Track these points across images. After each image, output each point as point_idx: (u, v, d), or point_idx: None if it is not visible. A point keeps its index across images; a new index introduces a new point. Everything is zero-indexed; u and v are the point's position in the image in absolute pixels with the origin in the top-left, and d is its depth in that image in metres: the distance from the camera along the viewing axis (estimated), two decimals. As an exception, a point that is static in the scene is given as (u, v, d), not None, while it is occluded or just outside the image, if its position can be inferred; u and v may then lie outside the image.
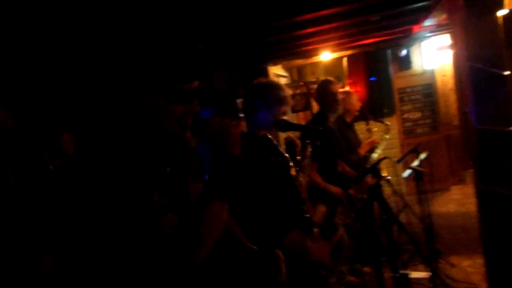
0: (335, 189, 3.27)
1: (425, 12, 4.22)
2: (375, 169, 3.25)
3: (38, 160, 2.50)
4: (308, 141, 2.45)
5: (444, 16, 4.36)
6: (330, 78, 4.03)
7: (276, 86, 2.41)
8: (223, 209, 1.27)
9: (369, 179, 3.57)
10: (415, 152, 4.07)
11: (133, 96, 1.38)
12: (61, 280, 2.22)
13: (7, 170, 2.08)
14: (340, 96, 3.77)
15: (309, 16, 3.41)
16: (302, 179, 2.27)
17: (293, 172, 2.21)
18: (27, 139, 2.58)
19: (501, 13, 3.06)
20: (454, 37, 6.84)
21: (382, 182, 3.11)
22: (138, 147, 1.34)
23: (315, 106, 5.30)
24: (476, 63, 3.06)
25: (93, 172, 1.38)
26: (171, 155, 1.43)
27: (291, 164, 2.18)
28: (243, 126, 2.18)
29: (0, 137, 2.38)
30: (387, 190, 3.52)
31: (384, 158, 3.35)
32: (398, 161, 4.16)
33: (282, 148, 2.75)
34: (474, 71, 3.07)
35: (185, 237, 1.22)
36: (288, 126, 2.32)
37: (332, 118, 3.77)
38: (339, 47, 5.80)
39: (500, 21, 3.10)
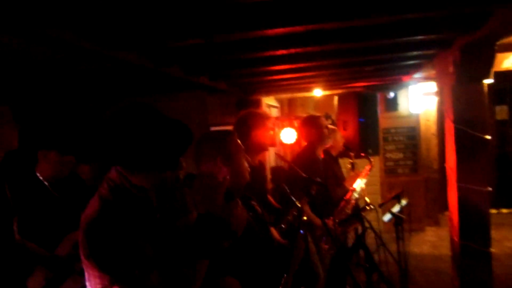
0: (317, 220, 3.38)
1: (416, 67, 4.49)
2: (359, 214, 3.42)
3: (34, 177, 2.61)
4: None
5: (432, 71, 4.64)
6: (318, 114, 4.25)
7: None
8: (205, 265, 1.40)
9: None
10: (397, 198, 4.26)
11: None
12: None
13: (5, 185, 2.14)
14: (327, 131, 3.98)
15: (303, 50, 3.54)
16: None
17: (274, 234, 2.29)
18: (30, 158, 2.69)
19: (487, 81, 3.32)
20: (440, 92, 7.19)
21: (366, 227, 3.26)
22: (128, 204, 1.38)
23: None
24: (461, 126, 3.30)
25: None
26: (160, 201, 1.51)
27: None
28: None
29: (6, 159, 2.45)
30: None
31: (368, 204, 3.53)
32: (380, 206, 4.34)
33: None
34: (459, 133, 3.31)
35: None
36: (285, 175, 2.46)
37: (319, 151, 3.96)
38: (331, 86, 6.05)
39: (486, 88, 3.36)
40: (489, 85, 3.40)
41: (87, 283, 1.38)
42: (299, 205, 2.20)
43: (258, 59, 3.67)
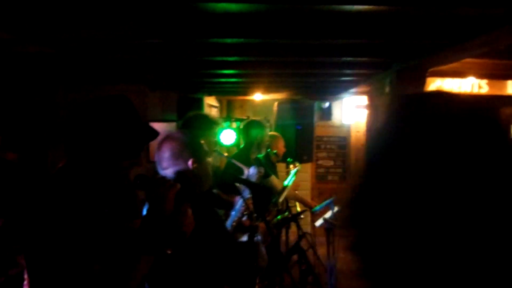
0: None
1: (355, 84, 4.80)
2: (296, 219, 3.60)
3: None
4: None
5: (364, 87, 4.98)
6: (259, 119, 4.38)
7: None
8: (150, 262, 1.44)
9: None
10: (329, 204, 4.51)
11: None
12: None
13: None
14: (266, 139, 4.14)
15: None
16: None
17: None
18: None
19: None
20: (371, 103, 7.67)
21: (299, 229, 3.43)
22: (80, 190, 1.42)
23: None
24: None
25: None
26: (109, 195, 1.55)
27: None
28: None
29: None
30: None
31: (305, 210, 3.72)
32: (314, 210, 4.58)
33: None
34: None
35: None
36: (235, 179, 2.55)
37: (254, 156, 4.10)
38: (271, 91, 6.24)
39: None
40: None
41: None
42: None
43: (203, 61, 3.73)
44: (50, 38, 2.61)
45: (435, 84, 4.86)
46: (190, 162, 1.93)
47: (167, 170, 1.95)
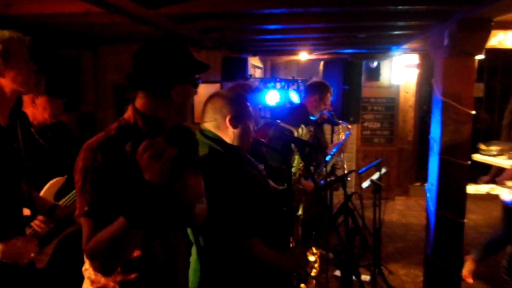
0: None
1: (407, 38, 4.50)
2: (343, 180, 3.48)
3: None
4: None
5: (419, 41, 4.66)
6: (319, 79, 4.20)
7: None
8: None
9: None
10: (377, 166, 4.36)
11: None
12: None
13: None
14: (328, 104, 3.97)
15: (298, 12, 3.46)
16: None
17: (272, 184, 2.31)
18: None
19: (478, 57, 3.36)
20: (421, 61, 7.26)
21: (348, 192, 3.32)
22: None
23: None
24: (448, 99, 3.35)
25: None
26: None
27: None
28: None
29: None
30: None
31: (352, 171, 3.59)
32: (360, 172, 4.44)
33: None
34: (446, 106, 3.37)
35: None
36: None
37: (317, 114, 3.94)
38: (317, 50, 6.01)
39: (476, 64, 3.41)
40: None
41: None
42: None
43: (249, 15, 3.57)
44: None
45: (496, 38, 4.47)
46: (227, 119, 1.86)
47: (207, 124, 1.91)
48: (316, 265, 2.17)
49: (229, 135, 1.89)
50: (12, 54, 1.83)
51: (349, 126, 4.43)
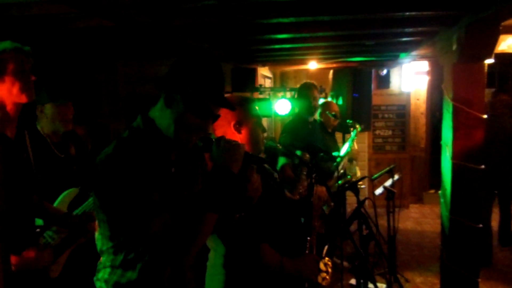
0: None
1: (416, 44, 4.51)
2: (355, 186, 3.48)
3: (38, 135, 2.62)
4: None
5: (427, 48, 4.66)
6: (312, 82, 4.26)
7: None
8: (213, 220, 1.40)
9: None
10: (390, 173, 4.35)
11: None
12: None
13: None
14: (317, 102, 4.03)
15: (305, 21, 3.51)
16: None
17: (287, 194, 2.32)
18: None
19: (488, 61, 3.36)
20: (437, 71, 7.24)
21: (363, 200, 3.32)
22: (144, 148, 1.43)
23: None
24: (459, 104, 3.35)
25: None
26: (178, 157, 1.55)
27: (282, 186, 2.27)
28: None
29: None
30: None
31: (365, 177, 3.59)
32: (373, 179, 4.43)
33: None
34: (457, 111, 3.36)
35: (175, 241, 1.35)
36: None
37: (311, 119, 4.02)
38: (326, 59, 6.03)
39: (485, 68, 3.40)
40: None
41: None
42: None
43: (257, 25, 3.62)
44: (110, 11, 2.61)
45: (506, 42, 4.47)
46: (232, 124, 1.89)
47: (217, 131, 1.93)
48: (327, 276, 2.17)
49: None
50: (5, 66, 1.80)
51: (357, 126, 4.47)
